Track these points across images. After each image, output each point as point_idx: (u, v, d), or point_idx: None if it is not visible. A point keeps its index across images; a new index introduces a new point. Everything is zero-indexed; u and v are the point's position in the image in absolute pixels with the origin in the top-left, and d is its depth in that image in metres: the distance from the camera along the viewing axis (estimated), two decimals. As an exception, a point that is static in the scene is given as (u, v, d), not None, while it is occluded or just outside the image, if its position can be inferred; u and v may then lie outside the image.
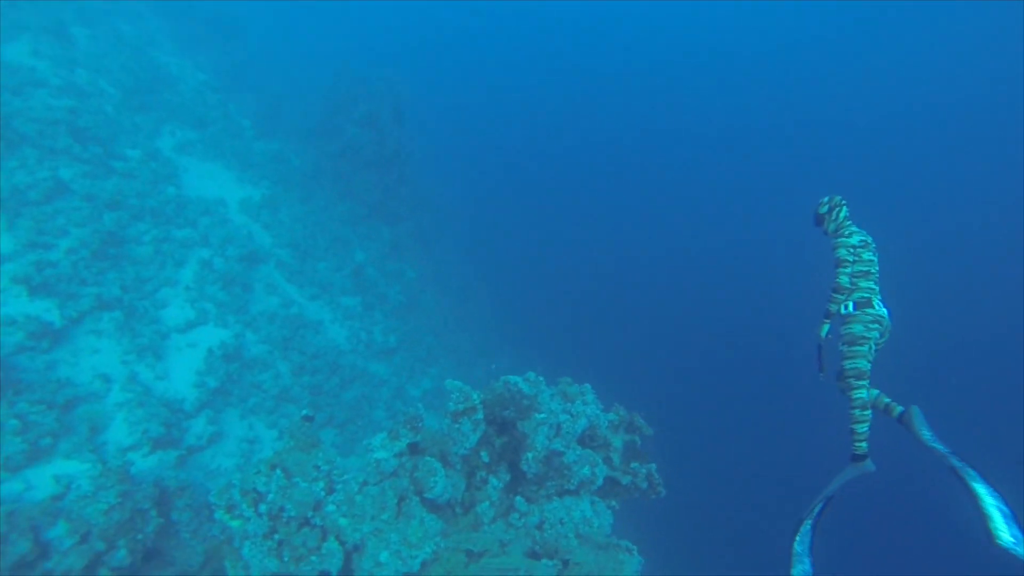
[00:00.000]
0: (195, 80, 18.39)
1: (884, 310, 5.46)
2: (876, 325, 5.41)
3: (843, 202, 5.97)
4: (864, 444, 5.27)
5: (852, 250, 5.61)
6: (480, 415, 6.91)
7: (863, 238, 5.71)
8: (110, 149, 12.28)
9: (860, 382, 5.37)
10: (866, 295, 5.49)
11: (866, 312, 5.42)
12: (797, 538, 5.38)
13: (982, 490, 4.76)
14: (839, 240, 5.71)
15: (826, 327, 5.63)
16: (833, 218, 5.92)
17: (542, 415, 7.38)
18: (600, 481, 7.58)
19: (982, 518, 4.69)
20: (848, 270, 5.56)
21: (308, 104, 22.75)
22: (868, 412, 5.33)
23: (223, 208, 14.73)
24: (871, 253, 5.67)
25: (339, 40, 30.71)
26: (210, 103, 17.59)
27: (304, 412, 6.39)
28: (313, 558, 5.39)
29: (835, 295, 5.57)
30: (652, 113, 47.33)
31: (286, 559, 5.36)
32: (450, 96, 35.93)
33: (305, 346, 13.61)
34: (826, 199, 6.04)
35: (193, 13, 22.46)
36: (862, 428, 5.29)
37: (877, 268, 5.65)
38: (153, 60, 17.59)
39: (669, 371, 24.97)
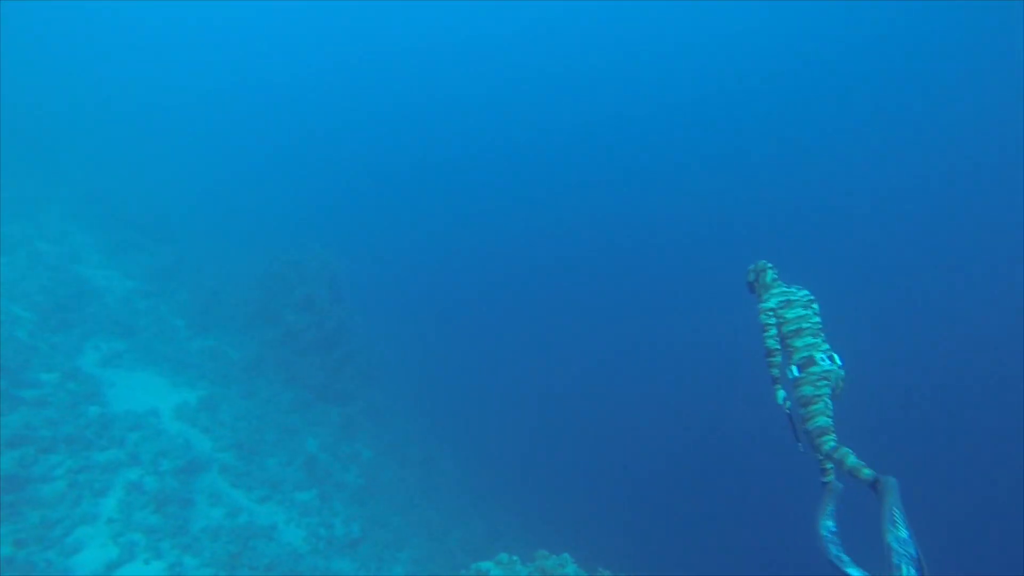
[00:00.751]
0: (123, 288, 18.01)
1: (828, 362, 5.35)
2: (824, 381, 5.30)
3: (768, 266, 6.02)
4: (867, 469, 4.83)
5: (770, 313, 5.60)
6: (454, 619, 6.10)
7: (784, 298, 5.68)
8: (18, 378, 11.45)
9: (825, 437, 5.22)
10: (805, 353, 5.40)
11: (810, 372, 5.33)
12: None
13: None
14: (759, 306, 5.73)
15: (780, 393, 5.47)
16: (760, 283, 5.96)
17: (522, 603, 6.59)
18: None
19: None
20: (772, 333, 5.54)
21: (244, 294, 22.49)
22: (845, 449, 5.07)
23: (156, 418, 13.76)
24: (799, 309, 5.60)
25: (272, 220, 31.19)
26: (139, 309, 17.12)
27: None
28: None
29: (769, 360, 5.51)
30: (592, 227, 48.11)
31: None
32: (393, 258, 36.48)
33: (256, 559, 12.22)
34: (752, 266, 6.10)
35: (120, 222, 22.53)
36: (852, 460, 4.94)
37: (812, 321, 5.57)
38: (77, 275, 17.22)
39: (652, 509, 23.73)
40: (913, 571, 4.21)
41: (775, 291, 5.79)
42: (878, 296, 32.67)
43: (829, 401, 5.31)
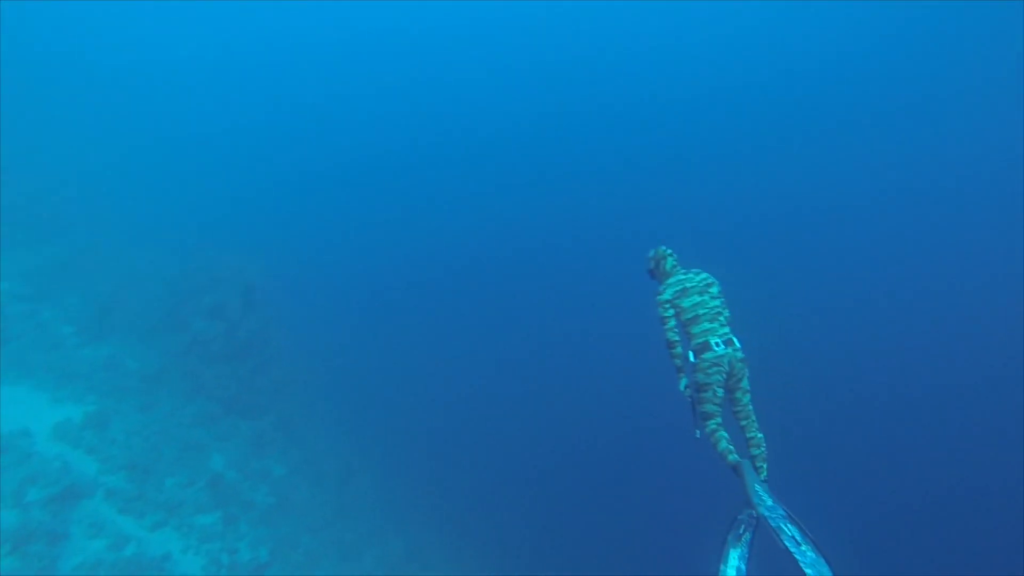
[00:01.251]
0: (-9, 291, 16.17)
1: (722, 347, 5.31)
2: (716, 368, 5.28)
3: (667, 252, 5.81)
4: (733, 455, 5.15)
5: (667, 305, 5.46)
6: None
7: (680, 287, 5.53)
8: None
9: (709, 421, 5.30)
10: (701, 340, 5.36)
11: (703, 359, 5.32)
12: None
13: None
14: (656, 299, 5.58)
15: (683, 381, 5.40)
16: (660, 271, 5.77)
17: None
18: None
19: None
20: (671, 325, 5.42)
21: (147, 299, 20.81)
22: (721, 433, 5.25)
23: (27, 440, 12.27)
24: (695, 296, 5.50)
25: (184, 220, 29.15)
26: (12, 314, 15.38)
27: None
28: None
29: (671, 352, 5.41)
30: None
31: None
32: (313, 265, 34.79)
33: (142, 596, 10.98)
34: (651, 253, 5.89)
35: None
36: (723, 445, 5.18)
37: (709, 306, 5.48)
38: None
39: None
40: (791, 526, 4.68)
41: (672, 280, 5.62)
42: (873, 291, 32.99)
43: (719, 389, 5.28)
